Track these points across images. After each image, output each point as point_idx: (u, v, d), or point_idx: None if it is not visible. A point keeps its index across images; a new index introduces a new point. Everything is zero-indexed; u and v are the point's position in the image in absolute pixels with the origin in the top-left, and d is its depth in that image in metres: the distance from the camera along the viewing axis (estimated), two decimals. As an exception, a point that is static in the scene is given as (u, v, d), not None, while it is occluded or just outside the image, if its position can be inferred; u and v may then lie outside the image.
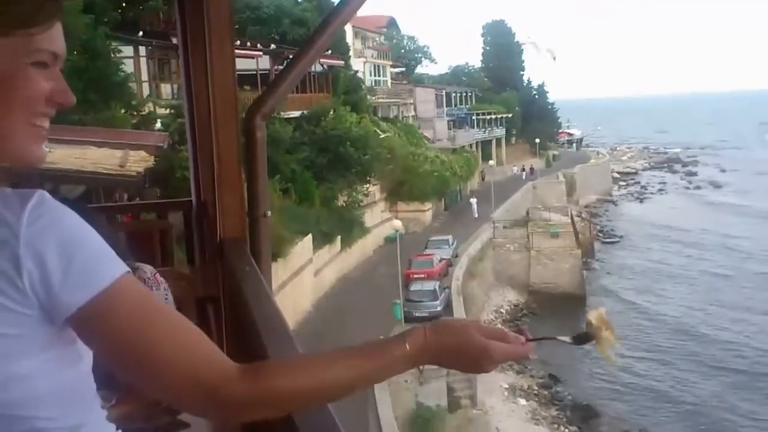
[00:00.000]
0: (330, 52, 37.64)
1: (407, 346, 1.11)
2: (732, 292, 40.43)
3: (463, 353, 1.14)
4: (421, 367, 15.29)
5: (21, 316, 0.97)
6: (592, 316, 1.28)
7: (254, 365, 1.10)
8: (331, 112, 35.48)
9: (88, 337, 1.03)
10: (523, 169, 65.81)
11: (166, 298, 2.72)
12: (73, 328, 1.01)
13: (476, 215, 46.10)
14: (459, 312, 28.64)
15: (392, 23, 75.41)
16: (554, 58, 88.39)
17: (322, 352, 1.12)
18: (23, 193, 1.00)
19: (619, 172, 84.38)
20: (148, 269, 2.75)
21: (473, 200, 48.11)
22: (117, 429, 1.16)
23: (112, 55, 23.84)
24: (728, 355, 32.02)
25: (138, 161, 13.26)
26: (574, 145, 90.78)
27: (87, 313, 0.99)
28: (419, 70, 79.63)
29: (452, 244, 38.67)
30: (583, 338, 1.27)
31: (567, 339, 1.30)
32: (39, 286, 0.97)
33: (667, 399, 28.32)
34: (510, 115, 71.72)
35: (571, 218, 45.95)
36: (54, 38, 1.05)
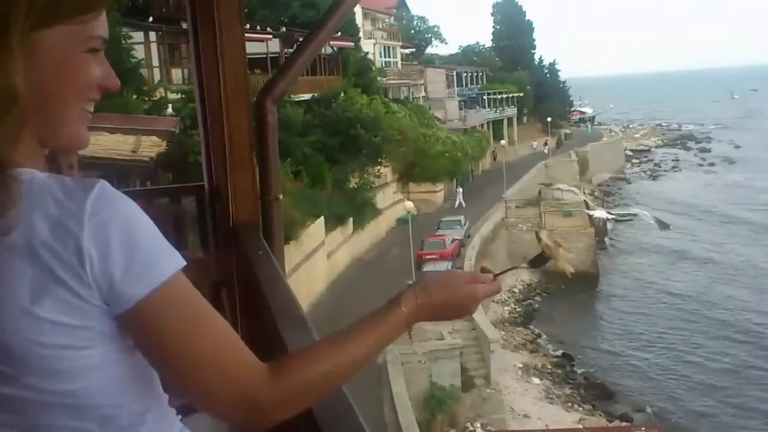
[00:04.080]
0: (340, 34, 37.49)
1: (403, 309, 1.19)
2: (747, 269, 40.24)
3: (453, 303, 1.25)
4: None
5: (86, 306, 0.98)
6: (543, 235, 1.36)
7: (280, 363, 1.11)
8: (342, 95, 35.38)
9: (139, 330, 1.02)
10: (545, 144, 65.56)
11: None
12: (126, 321, 1.01)
13: (462, 204, 45.18)
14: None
15: (402, 4, 74.94)
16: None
17: (333, 335, 1.15)
18: (85, 182, 1.00)
19: (632, 150, 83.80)
20: None
21: (459, 190, 46.40)
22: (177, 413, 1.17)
23: (123, 41, 23.84)
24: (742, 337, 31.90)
25: (150, 147, 13.30)
26: (587, 123, 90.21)
27: (143, 307, 0.99)
28: (429, 50, 79.28)
29: (464, 225, 38.61)
30: (540, 260, 1.37)
31: (525, 265, 1.41)
32: (101, 277, 0.97)
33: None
34: (521, 95, 71.30)
35: (584, 197, 45.76)
36: (103, 23, 1.08)
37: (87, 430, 1.02)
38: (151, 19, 28.70)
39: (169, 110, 23.41)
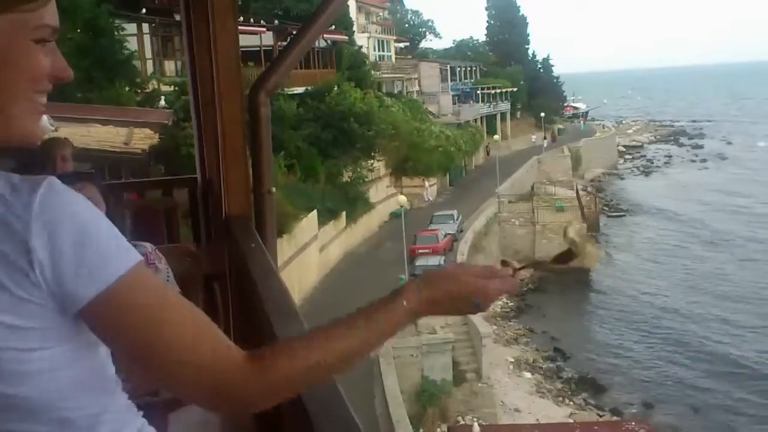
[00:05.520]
0: (333, 27, 37.44)
1: (404, 303, 1.14)
2: (735, 267, 40.41)
3: (460, 297, 1.18)
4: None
5: (35, 307, 0.95)
6: (572, 232, 1.34)
7: (260, 353, 1.08)
8: (335, 88, 35.31)
9: (100, 329, 1.01)
10: (544, 138, 65.68)
11: (168, 278, 2.73)
12: (85, 320, 0.99)
13: (429, 199, 44.57)
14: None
15: (396, -3, 74.87)
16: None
17: (328, 326, 1.12)
18: (32, 179, 0.97)
19: (624, 146, 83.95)
20: (148, 246, 2.75)
21: (428, 184, 45.29)
22: (139, 410, 1.15)
23: (116, 33, 23.77)
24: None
25: (143, 139, 13.28)
26: (580, 118, 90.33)
27: (98, 306, 0.97)
28: (423, 44, 79.25)
29: (457, 219, 38.64)
30: (567, 256, 1.32)
31: (549, 260, 1.35)
32: (51, 277, 0.94)
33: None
34: (515, 90, 71.31)
35: (577, 192, 45.85)
36: (52, 12, 1.03)
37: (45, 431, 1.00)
38: (144, 10, 28.59)
39: (162, 102, 23.34)
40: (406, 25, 76.02)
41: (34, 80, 1.02)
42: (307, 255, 27.95)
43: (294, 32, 4.36)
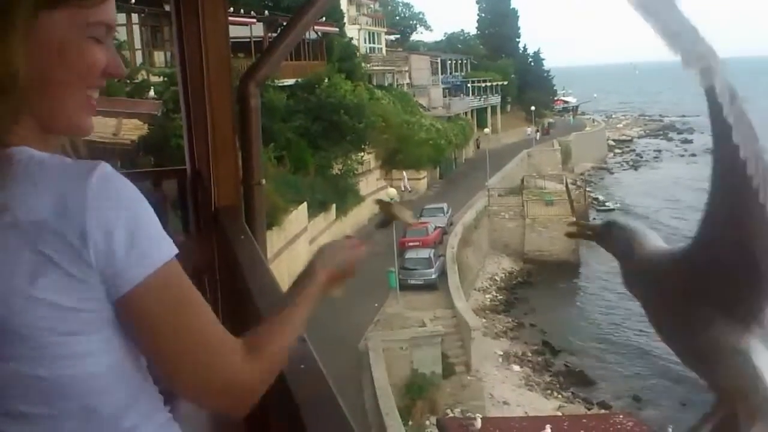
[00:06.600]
0: (324, 19, 37.30)
1: (320, 276, 1.33)
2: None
3: (345, 267, 1.40)
4: None
5: (83, 288, 0.97)
6: (390, 195, 1.48)
7: (254, 344, 1.13)
8: (326, 80, 35.23)
9: (136, 313, 1.02)
10: (538, 131, 65.82)
11: None
12: (124, 304, 1.00)
13: (408, 187, 43.82)
14: (454, 280, 28.76)
15: (387, -11, 74.72)
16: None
17: (281, 307, 1.26)
18: (87, 163, 1.00)
19: (614, 140, 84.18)
20: None
21: (405, 174, 44.02)
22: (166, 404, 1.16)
23: (105, 23, 23.60)
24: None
25: (132, 129, 13.22)
26: (570, 112, 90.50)
27: (142, 290, 0.99)
28: (414, 37, 79.17)
29: (447, 212, 38.67)
30: (386, 221, 1.58)
31: (374, 226, 1.66)
32: (104, 259, 0.96)
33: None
34: (505, 83, 71.38)
35: (566, 186, 45.96)
36: (109, 10, 1.07)
37: (68, 418, 1.00)
38: (133, 0, 28.40)
39: (151, 93, 23.24)
40: (397, 18, 75.91)
41: (88, 75, 1.06)
42: (297, 247, 27.92)
43: (284, 23, 4.34)
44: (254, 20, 33.41)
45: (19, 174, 0.96)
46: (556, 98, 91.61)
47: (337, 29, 42.31)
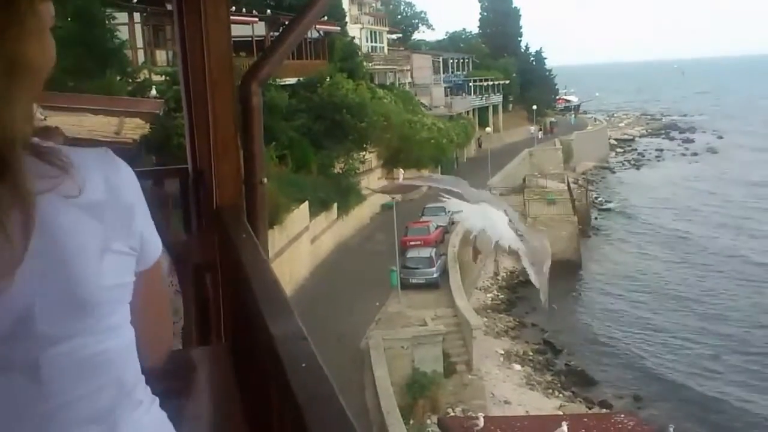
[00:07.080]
0: (326, 18, 37.31)
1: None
2: (722, 260, 40.67)
3: None
4: None
5: (133, 261, 1.05)
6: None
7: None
8: (328, 79, 35.23)
9: (144, 287, 1.09)
10: (541, 129, 65.61)
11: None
12: (140, 278, 1.08)
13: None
14: (455, 278, 28.76)
15: (389, -12, 74.65)
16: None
17: None
18: (96, 150, 1.06)
19: (616, 139, 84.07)
20: None
21: (401, 172, 42.12)
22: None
23: (107, 22, 23.61)
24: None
25: (134, 128, 13.18)
26: (572, 111, 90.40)
27: (153, 268, 1.10)
28: (416, 36, 79.22)
29: (448, 211, 38.51)
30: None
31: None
32: (140, 234, 1.06)
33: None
34: (507, 82, 71.31)
35: (568, 185, 45.94)
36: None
37: (106, 389, 1.03)
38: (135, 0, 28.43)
39: (153, 92, 23.23)
40: (399, 17, 75.88)
41: (50, 67, 1.07)
42: (299, 246, 27.94)
43: (286, 22, 4.34)
44: (256, 19, 33.43)
45: (73, 160, 1.00)
46: (558, 97, 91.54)
47: (339, 28, 42.31)
